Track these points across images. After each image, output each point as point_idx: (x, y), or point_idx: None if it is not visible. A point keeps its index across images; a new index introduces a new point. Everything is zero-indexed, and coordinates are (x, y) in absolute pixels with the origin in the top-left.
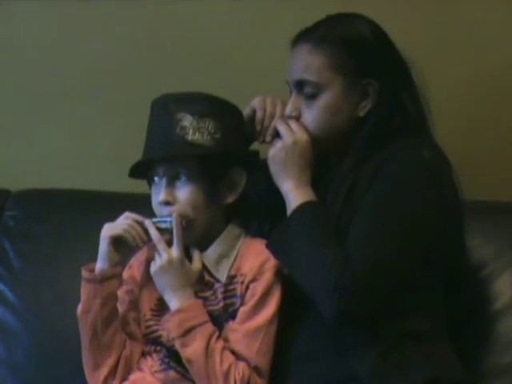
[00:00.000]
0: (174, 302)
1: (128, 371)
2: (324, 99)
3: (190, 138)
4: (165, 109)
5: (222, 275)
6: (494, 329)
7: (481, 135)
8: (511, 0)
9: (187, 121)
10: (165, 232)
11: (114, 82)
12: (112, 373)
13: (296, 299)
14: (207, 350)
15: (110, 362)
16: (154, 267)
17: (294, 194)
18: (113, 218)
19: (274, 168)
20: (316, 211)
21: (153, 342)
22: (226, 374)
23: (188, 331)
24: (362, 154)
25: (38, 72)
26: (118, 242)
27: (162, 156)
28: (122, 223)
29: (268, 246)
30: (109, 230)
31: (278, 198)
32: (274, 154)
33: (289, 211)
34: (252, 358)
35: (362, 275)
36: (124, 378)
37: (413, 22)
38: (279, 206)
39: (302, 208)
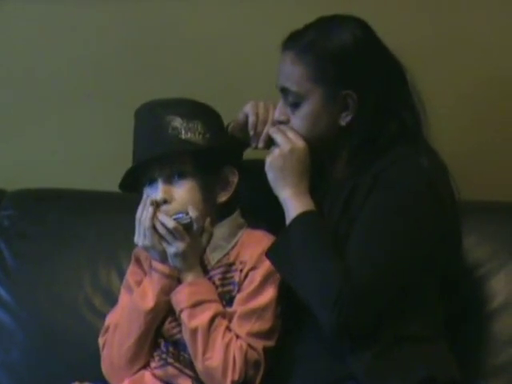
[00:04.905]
0: (190, 276)
1: None
2: (305, 109)
3: (183, 136)
4: (152, 113)
5: (213, 259)
6: (490, 328)
7: (478, 135)
8: None
9: (178, 122)
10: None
11: (112, 83)
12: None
13: (294, 305)
14: (212, 324)
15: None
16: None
17: (293, 202)
18: (109, 218)
19: (271, 176)
20: (315, 221)
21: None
22: (227, 345)
23: (198, 304)
24: (356, 162)
25: (34, 72)
26: None
27: (159, 154)
28: None
29: (268, 256)
30: None
31: (275, 200)
32: (272, 161)
33: (287, 220)
34: (243, 338)
35: (362, 289)
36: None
37: (412, 22)
38: (275, 207)
39: (301, 218)
